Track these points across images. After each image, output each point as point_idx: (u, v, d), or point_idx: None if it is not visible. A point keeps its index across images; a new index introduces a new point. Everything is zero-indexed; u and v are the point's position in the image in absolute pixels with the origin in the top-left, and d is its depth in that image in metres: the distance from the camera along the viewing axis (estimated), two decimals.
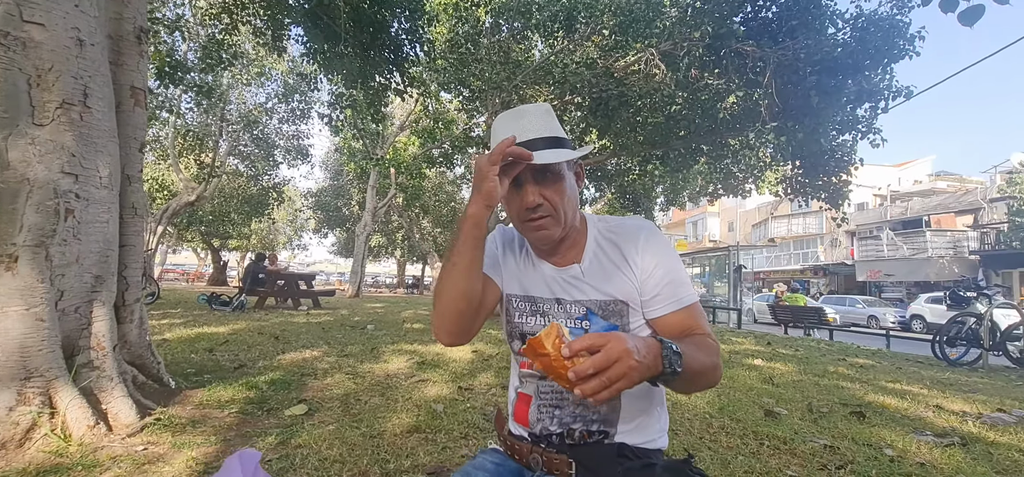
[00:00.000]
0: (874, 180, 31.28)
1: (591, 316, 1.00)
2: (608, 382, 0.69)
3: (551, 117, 1.00)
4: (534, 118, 0.98)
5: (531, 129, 0.97)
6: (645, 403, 1.01)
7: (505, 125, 0.99)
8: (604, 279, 1.01)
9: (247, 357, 4.44)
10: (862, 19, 6.39)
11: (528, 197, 0.95)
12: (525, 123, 0.97)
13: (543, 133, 0.96)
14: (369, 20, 7.00)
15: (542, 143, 0.95)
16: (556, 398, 1.03)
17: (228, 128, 18.30)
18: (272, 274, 10.73)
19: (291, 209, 34.54)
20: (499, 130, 0.99)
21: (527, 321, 1.06)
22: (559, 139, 0.98)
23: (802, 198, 9.76)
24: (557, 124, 1.00)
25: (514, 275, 1.11)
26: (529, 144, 0.94)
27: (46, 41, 2.11)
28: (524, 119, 0.98)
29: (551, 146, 0.95)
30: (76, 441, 2.23)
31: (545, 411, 1.03)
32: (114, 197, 2.52)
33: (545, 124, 0.98)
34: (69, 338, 2.47)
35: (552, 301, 1.04)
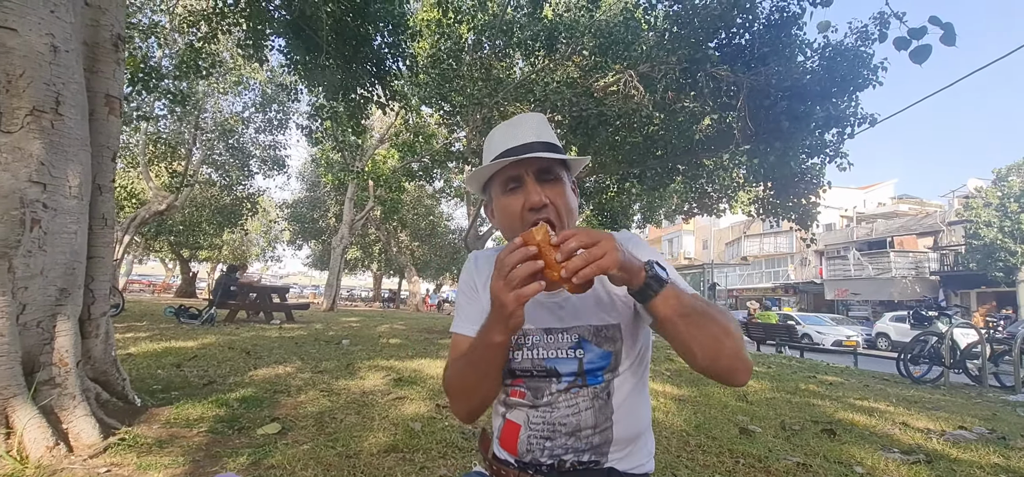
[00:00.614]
0: (841, 202, 32.49)
1: (585, 344, 0.96)
2: (591, 258, 0.71)
3: (546, 126, 0.98)
4: (530, 125, 0.97)
5: (527, 134, 0.95)
6: (635, 430, 0.98)
7: (501, 136, 0.98)
8: (594, 301, 0.96)
9: (217, 373, 4.31)
10: (829, 49, 6.70)
11: (532, 196, 0.91)
12: (521, 130, 0.96)
13: (541, 138, 0.95)
14: (352, 33, 6.99)
15: (540, 147, 0.93)
16: (548, 429, 0.97)
17: (202, 136, 17.89)
18: (244, 286, 10.46)
19: (265, 220, 33.81)
20: (495, 141, 0.98)
21: (514, 356, 0.99)
22: (556, 147, 0.96)
23: (773, 218, 10.05)
24: (552, 134, 0.99)
25: None
26: (526, 147, 0.93)
27: (18, 47, 2.05)
28: (520, 127, 0.97)
29: (550, 150, 0.93)
30: (33, 463, 2.13)
31: (536, 442, 0.97)
32: (84, 207, 2.44)
33: (541, 131, 0.96)
34: (29, 354, 2.36)
35: (540, 331, 0.98)
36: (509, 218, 0.95)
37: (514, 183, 0.94)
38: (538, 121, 0.99)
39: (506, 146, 0.95)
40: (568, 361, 0.95)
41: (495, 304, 0.80)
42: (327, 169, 17.78)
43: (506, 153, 0.94)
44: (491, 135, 1.00)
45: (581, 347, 0.95)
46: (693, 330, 0.79)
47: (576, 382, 0.94)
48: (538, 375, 0.96)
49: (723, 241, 38.97)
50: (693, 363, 0.83)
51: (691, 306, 0.80)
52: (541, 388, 0.96)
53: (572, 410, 0.94)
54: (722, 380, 0.84)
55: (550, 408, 0.95)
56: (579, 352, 0.95)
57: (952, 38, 2.97)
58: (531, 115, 0.99)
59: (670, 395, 4.39)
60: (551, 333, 0.97)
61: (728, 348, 0.80)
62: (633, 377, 0.97)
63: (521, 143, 0.93)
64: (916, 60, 3.13)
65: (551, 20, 7.97)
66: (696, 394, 4.46)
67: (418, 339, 8.31)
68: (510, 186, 0.95)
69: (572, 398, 0.94)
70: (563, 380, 0.94)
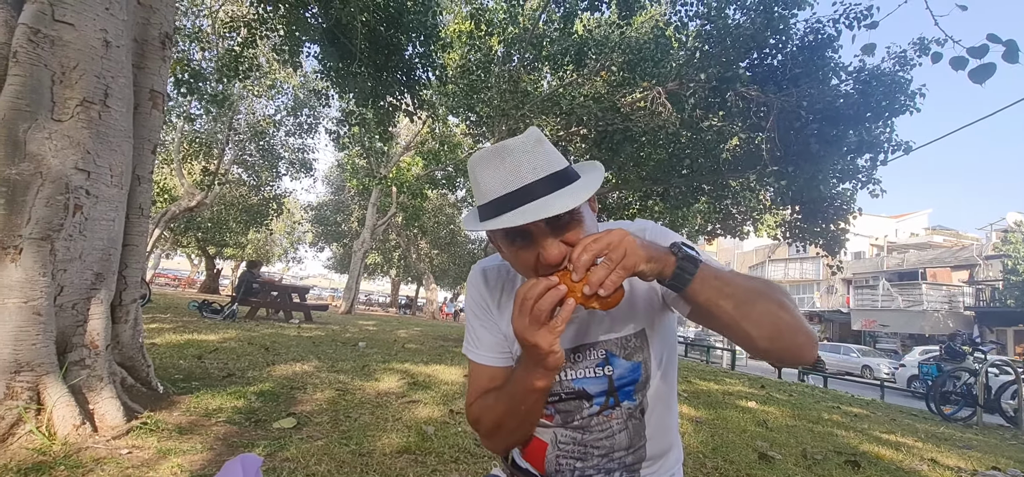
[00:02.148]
0: (872, 230, 31.60)
1: (612, 359, 0.88)
2: (613, 263, 0.64)
3: (542, 146, 0.76)
4: (523, 157, 0.74)
5: (524, 172, 0.73)
6: (666, 444, 0.94)
7: (492, 172, 0.75)
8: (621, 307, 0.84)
9: (236, 366, 4.39)
10: (865, 73, 6.58)
11: (550, 252, 0.73)
12: (512, 165, 0.73)
13: (541, 173, 0.73)
14: (385, 42, 7.16)
15: (543, 187, 0.72)
16: (580, 450, 0.92)
17: (235, 137, 18.44)
18: (266, 284, 10.68)
19: (290, 221, 34.54)
20: (484, 178, 0.76)
21: None
22: (561, 175, 0.75)
23: (800, 243, 9.84)
24: (553, 153, 0.77)
25: None
26: (526, 192, 0.72)
27: (74, 41, 2.16)
28: (510, 160, 0.74)
29: (556, 186, 0.73)
30: (60, 440, 2.20)
31: (565, 462, 0.92)
32: (123, 196, 2.54)
33: (538, 161, 0.74)
34: (64, 334, 2.45)
35: (566, 353, 0.86)
36: (521, 268, 0.81)
37: (522, 238, 0.76)
38: (532, 144, 0.75)
39: (502, 190, 0.74)
40: (597, 380, 0.89)
41: (527, 347, 0.72)
42: (352, 174, 18.10)
43: (505, 201, 0.73)
44: (476, 167, 0.77)
45: (609, 363, 0.88)
46: (744, 309, 0.69)
47: (608, 403, 0.89)
48: (567, 397, 0.91)
49: (747, 264, 38.24)
50: (752, 347, 0.72)
51: (733, 282, 0.71)
52: (572, 412, 0.91)
53: (606, 433, 0.90)
54: (788, 360, 0.74)
55: (582, 430, 0.91)
56: (607, 368, 0.88)
57: (1015, 55, 2.82)
58: (521, 141, 0.75)
59: (687, 416, 4.30)
60: (577, 351, 0.89)
61: (787, 321, 0.70)
62: (664, 385, 0.92)
63: (522, 186, 0.73)
64: (976, 80, 2.98)
65: (581, 36, 8.02)
66: (713, 417, 4.36)
67: (434, 345, 8.34)
68: (518, 242, 0.77)
69: (605, 421, 0.90)
70: (594, 402, 0.90)
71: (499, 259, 0.97)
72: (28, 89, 2.12)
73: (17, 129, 2.10)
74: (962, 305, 24.31)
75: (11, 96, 2.09)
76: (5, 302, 2.16)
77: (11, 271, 2.15)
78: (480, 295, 0.97)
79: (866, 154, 7.18)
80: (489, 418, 0.92)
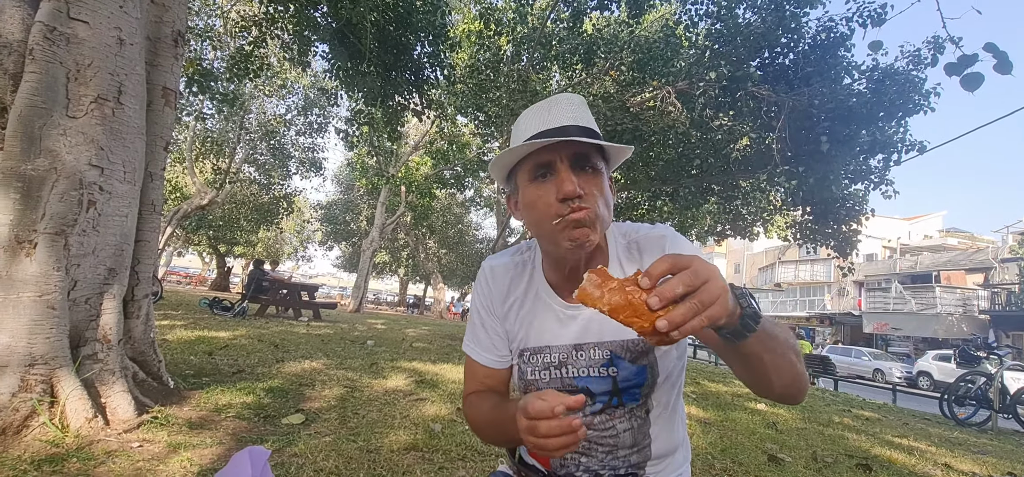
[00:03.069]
0: (884, 232, 31.21)
1: (617, 361, 0.86)
2: (701, 307, 0.54)
3: (585, 109, 0.85)
4: (567, 106, 0.83)
5: (562, 116, 0.82)
6: (672, 444, 0.93)
7: (532, 117, 0.85)
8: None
9: (246, 363, 4.43)
10: (878, 72, 6.48)
11: (565, 184, 0.78)
12: (555, 111, 0.83)
13: (578, 121, 0.82)
14: (394, 42, 7.18)
15: (576, 131, 0.80)
16: (583, 446, 0.91)
17: (246, 136, 18.61)
18: (275, 283, 10.76)
19: (299, 220, 34.79)
20: (524, 123, 0.85)
21: (541, 376, 0.92)
22: (595, 132, 0.84)
23: (811, 244, 9.73)
24: (591, 118, 0.86)
25: (522, 325, 0.94)
26: (562, 130, 0.80)
27: (89, 38, 2.19)
28: (555, 108, 0.83)
29: (589, 135, 0.81)
30: (73, 432, 2.23)
31: (570, 458, 0.92)
32: (135, 193, 2.57)
33: (579, 113, 0.83)
34: (77, 328, 2.48)
35: (566, 348, 0.90)
36: (538, 212, 0.82)
37: (544, 170, 0.81)
38: (576, 102, 0.85)
39: (538, 128, 0.82)
40: (601, 380, 0.88)
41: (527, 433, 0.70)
42: (362, 173, 18.20)
43: (538, 136, 0.81)
44: (522, 116, 0.87)
45: (614, 364, 0.86)
46: (775, 360, 0.69)
47: (611, 403, 0.88)
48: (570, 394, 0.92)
49: (756, 266, 37.92)
50: (767, 391, 0.73)
51: (775, 337, 0.69)
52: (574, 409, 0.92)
53: (609, 431, 0.89)
54: (786, 401, 0.76)
55: (587, 427, 0.89)
56: (612, 370, 0.87)
57: (1007, 67, 2.82)
58: (568, 95, 0.85)
59: (695, 417, 4.27)
60: (580, 349, 0.88)
61: (800, 372, 0.73)
62: (671, 387, 0.91)
63: (556, 125, 0.81)
64: (967, 87, 2.99)
65: (590, 35, 7.99)
66: (722, 418, 4.32)
67: (441, 344, 8.35)
68: (540, 173, 0.82)
69: (608, 419, 0.89)
70: (597, 401, 0.89)
71: (508, 255, 0.99)
72: (44, 86, 2.15)
73: (33, 125, 2.13)
74: (977, 309, 23.92)
75: (27, 93, 2.12)
76: (20, 296, 2.19)
77: (26, 265, 2.18)
78: (486, 291, 0.97)
79: (879, 154, 7.07)
80: (478, 423, 0.94)
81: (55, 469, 1.90)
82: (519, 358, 0.94)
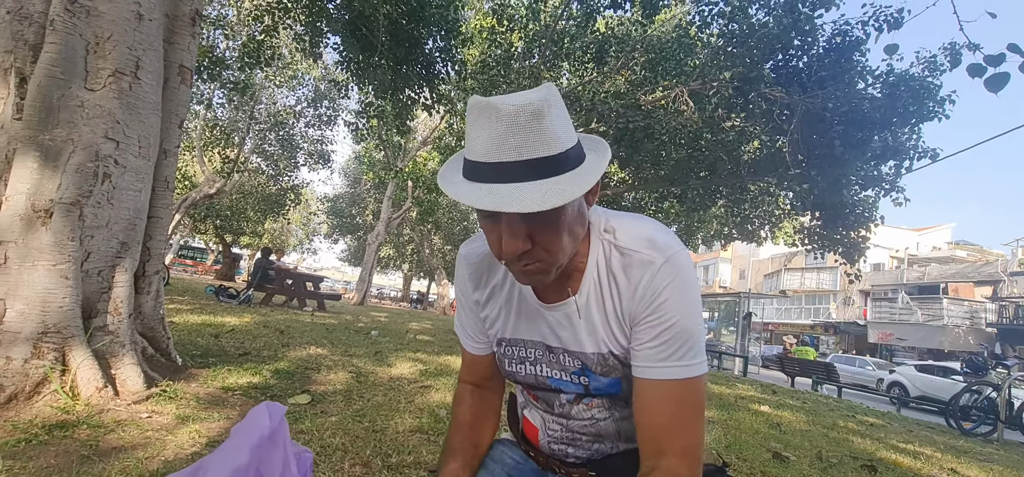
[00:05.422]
0: (892, 242, 30.99)
1: (588, 372, 0.82)
2: None
3: (539, 123, 0.63)
4: (512, 129, 0.63)
5: (505, 148, 0.63)
6: None
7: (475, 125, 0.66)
8: (603, 321, 0.79)
9: (252, 347, 4.45)
10: (893, 77, 6.43)
11: (507, 244, 0.67)
12: (498, 133, 0.63)
13: (526, 154, 0.63)
14: (406, 35, 7.20)
15: (524, 171, 0.63)
16: (568, 435, 0.91)
17: (256, 126, 18.70)
18: (281, 272, 10.81)
19: (306, 212, 34.93)
20: (469, 124, 0.68)
21: (517, 369, 0.90)
22: (550, 162, 0.64)
23: (819, 250, 9.67)
24: (550, 129, 0.64)
25: (500, 314, 0.91)
26: (503, 170, 0.63)
27: (108, 12, 2.21)
28: (497, 124, 0.63)
29: (539, 174, 0.63)
30: (83, 401, 2.25)
31: (557, 447, 0.93)
32: (149, 168, 2.59)
33: (526, 139, 0.63)
34: (89, 300, 2.50)
35: (541, 347, 0.86)
36: (490, 242, 0.73)
37: (490, 216, 0.69)
38: (528, 119, 0.63)
39: (482, 155, 0.65)
40: (572, 385, 0.86)
41: None
42: (369, 166, 18.25)
43: (481, 169, 0.65)
44: (470, 109, 0.67)
45: (585, 374, 0.83)
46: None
47: (583, 396, 0.87)
48: (542, 389, 0.91)
49: (761, 272, 37.73)
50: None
51: None
52: (550, 399, 0.91)
53: (590, 420, 0.89)
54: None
55: (566, 417, 0.91)
56: (583, 379, 0.84)
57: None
58: (518, 109, 0.63)
59: None
60: (553, 352, 0.85)
61: None
62: None
63: (500, 162, 0.63)
64: (992, 88, 2.96)
65: (602, 33, 7.97)
66: (725, 417, 4.31)
67: (445, 338, 8.37)
68: (486, 217, 0.70)
69: (585, 409, 0.88)
70: (571, 394, 0.88)
71: (483, 241, 0.90)
72: (63, 57, 2.17)
73: (52, 96, 2.15)
74: (984, 321, 23.72)
75: (46, 63, 2.15)
76: (35, 265, 2.21)
77: (41, 234, 2.20)
78: (462, 282, 0.96)
79: (891, 160, 7.02)
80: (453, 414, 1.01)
81: (66, 434, 1.92)
82: (497, 347, 0.93)
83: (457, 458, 0.94)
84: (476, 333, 0.97)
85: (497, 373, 1.00)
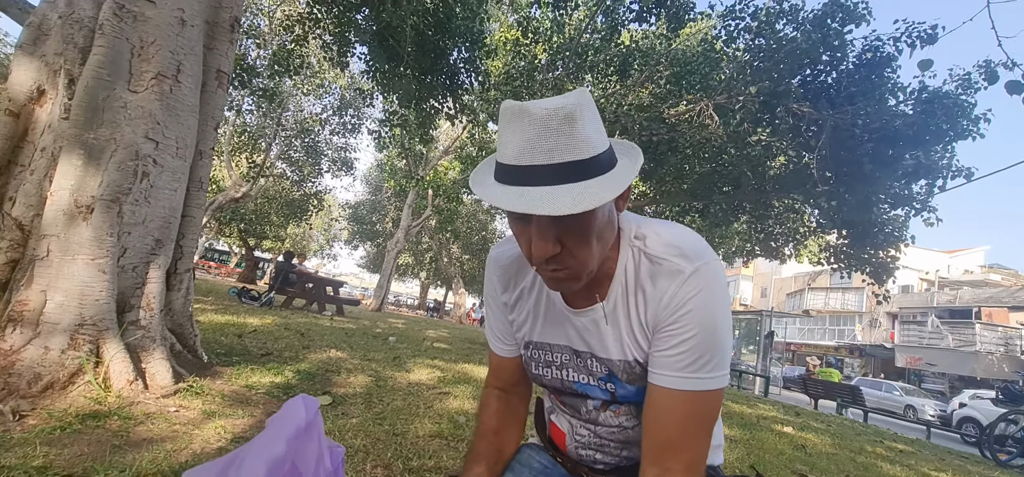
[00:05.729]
0: (922, 264, 30.05)
1: (614, 379, 0.82)
2: None
3: (572, 127, 0.64)
4: (543, 132, 0.63)
5: (536, 151, 0.64)
6: None
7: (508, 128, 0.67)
8: (628, 329, 0.79)
9: (274, 347, 4.52)
10: (926, 93, 6.27)
11: (536, 248, 0.68)
12: (530, 137, 0.64)
13: (557, 157, 0.64)
14: (432, 46, 7.31)
15: (554, 175, 0.64)
16: (596, 440, 0.90)
17: (282, 132, 19.13)
18: (302, 275, 10.98)
19: (327, 218, 35.47)
20: (502, 127, 0.68)
21: (544, 372, 0.90)
22: (581, 166, 0.64)
23: (846, 269, 9.43)
24: (582, 133, 0.65)
25: (528, 317, 0.91)
26: (534, 173, 0.64)
27: (154, 17, 2.30)
28: (530, 128, 0.64)
29: (570, 177, 0.64)
30: (115, 393, 2.31)
31: (585, 453, 0.92)
32: (185, 168, 2.67)
33: (558, 142, 0.63)
34: (123, 294, 2.58)
35: (568, 351, 0.86)
36: (520, 245, 0.73)
37: (520, 219, 0.69)
38: (560, 123, 0.63)
39: (513, 158, 0.65)
40: (599, 390, 0.86)
41: None
42: (391, 174, 18.48)
43: (513, 172, 0.66)
44: (504, 113, 0.67)
45: (611, 381, 0.83)
46: None
47: (610, 403, 0.87)
48: (568, 393, 0.91)
49: (784, 290, 36.92)
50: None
51: None
52: (577, 404, 0.91)
53: (617, 427, 0.88)
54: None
55: (594, 423, 0.90)
56: (610, 385, 0.84)
57: None
58: (551, 114, 0.63)
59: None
60: (580, 356, 0.86)
61: None
62: None
63: (532, 164, 0.64)
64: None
65: (627, 46, 7.97)
66: (748, 437, 4.21)
67: (462, 347, 8.38)
68: (516, 220, 0.70)
69: (613, 416, 0.88)
70: (598, 400, 0.88)
71: (513, 242, 0.91)
72: (109, 60, 2.26)
73: (98, 96, 2.24)
74: (1020, 348, 22.76)
75: (94, 65, 2.24)
76: (74, 258, 2.29)
77: (82, 229, 2.28)
78: (491, 283, 0.96)
79: (923, 179, 6.83)
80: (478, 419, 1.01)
81: (98, 424, 1.97)
82: (524, 350, 0.93)
83: (481, 463, 0.94)
84: (504, 335, 0.97)
85: (524, 379, 1.01)
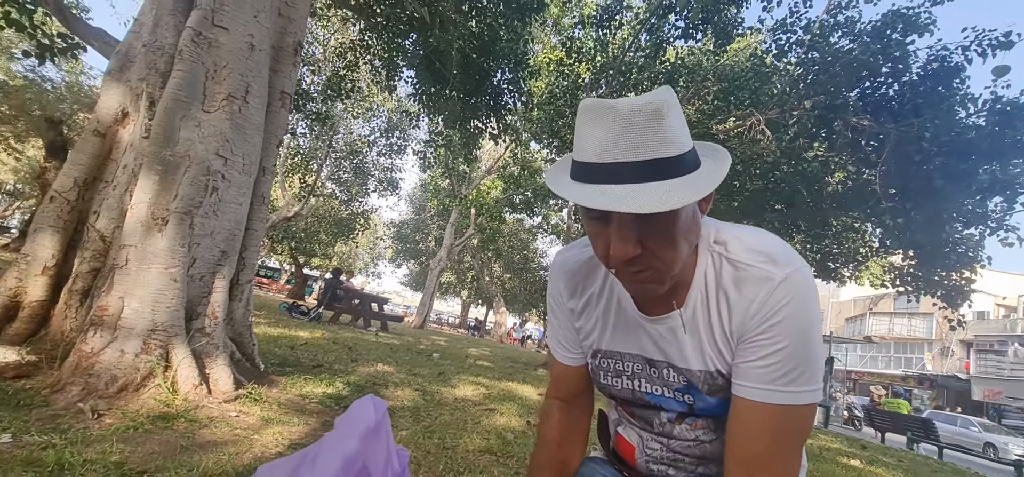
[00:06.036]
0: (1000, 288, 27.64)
1: (694, 391, 0.78)
2: None
3: (659, 123, 0.62)
4: (628, 129, 0.61)
5: (620, 147, 0.62)
6: None
7: (588, 125, 0.65)
8: (709, 338, 0.75)
9: (324, 360, 4.65)
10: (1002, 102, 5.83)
11: (616, 249, 0.65)
12: (614, 134, 0.62)
13: (642, 154, 0.61)
14: (477, 68, 7.49)
15: (637, 173, 0.61)
16: (669, 455, 0.85)
17: (332, 154, 19.96)
18: (350, 292, 11.30)
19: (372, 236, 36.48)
20: (581, 125, 0.66)
21: (614, 383, 0.87)
22: (666, 164, 0.62)
23: (914, 292, 8.78)
24: (669, 131, 0.63)
25: (597, 325, 0.88)
26: (615, 171, 0.62)
27: (227, 43, 2.47)
28: (613, 125, 0.62)
29: (653, 175, 0.62)
30: (181, 396, 2.42)
31: (656, 467, 0.87)
32: (250, 184, 2.81)
33: (643, 139, 0.61)
34: (191, 302, 2.72)
35: (641, 360, 0.82)
36: (596, 247, 0.71)
37: (600, 218, 0.67)
38: (646, 119, 0.61)
39: (594, 156, 0.64)
40: (675, 402, 0.81)
41: None
42: (434, 193, 18.87)
43: (593, 170, 0.64)
44: (583, 110, 0.66)
45: (690, 392, 0.79)
46: None
47: (686, 416, 0.82)
48: (640, 405, 0.86)
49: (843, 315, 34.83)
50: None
51: None
52: (649, 417, 0.87)
53: (694, 441, 0.83)
54: None
55: (667, 437, 0.85)
56: (688, 397, 0.80)
57: None
58: (637, 110, 0.62)
59: None
60: (655, 366, 0.81)
61: None
62: None
63: (615, 162, 0.62)
64: None
65: (672, 63, 7.88)
66: (812, 468, 3.95)
67: (504, 366, 8.35)
68: (595, 219, 0.68)
69: (689, 429, 0.83)
70: (673, 412, 0.83)
71: (580, 247, 0.89)
72: (186, 83, 2.43)
73: (175, 116, 2.41)
74: None
75: (173, 88, 2.41)
76: (150, 267, 2.44)
77: (157, 240, 2.43)
78: (556, 289, 0.93)
79: (999, 195, 6.31)
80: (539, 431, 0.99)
81: (167, 426, 2.07)
82: (592, 358, 0.90)
83: (545, 474, 0.91)
84: (569, 343, 0.94)
85: (587, 390, 0.97)
